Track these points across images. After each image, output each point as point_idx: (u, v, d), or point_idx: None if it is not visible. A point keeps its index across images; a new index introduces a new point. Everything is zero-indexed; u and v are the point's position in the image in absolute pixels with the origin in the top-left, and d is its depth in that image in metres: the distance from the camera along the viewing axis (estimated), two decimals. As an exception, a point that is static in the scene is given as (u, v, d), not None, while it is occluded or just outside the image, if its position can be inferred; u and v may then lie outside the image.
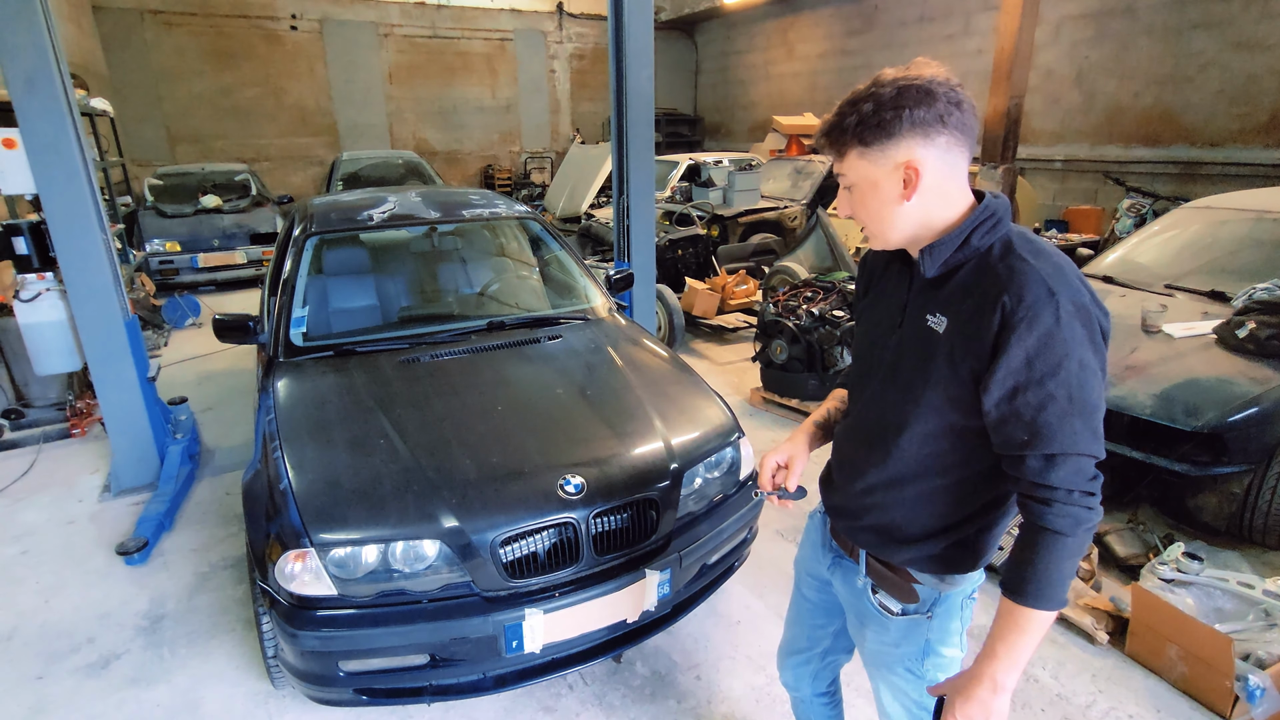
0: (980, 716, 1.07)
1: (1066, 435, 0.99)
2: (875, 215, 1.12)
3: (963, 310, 1.06)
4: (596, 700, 2.24)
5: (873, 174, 1.08)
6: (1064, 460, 1.00)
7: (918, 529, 1.20)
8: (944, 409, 1.10)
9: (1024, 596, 1.03)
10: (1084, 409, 0.99)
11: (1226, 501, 2.79)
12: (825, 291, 4.78)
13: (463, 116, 14.69)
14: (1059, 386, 0.98)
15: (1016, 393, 1.01)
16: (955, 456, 1.14)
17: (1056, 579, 1.01)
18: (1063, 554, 1.01)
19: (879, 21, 11.44)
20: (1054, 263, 1.03)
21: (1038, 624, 1.03)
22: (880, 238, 1.15)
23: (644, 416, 2.32)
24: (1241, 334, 2.96)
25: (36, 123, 3.02)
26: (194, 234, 7.57)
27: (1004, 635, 1.05)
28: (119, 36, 11.31)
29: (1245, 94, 7.13)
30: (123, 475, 3.56)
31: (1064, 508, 1.00)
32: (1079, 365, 0.99)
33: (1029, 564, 1.03)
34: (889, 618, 1.27)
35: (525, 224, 3.73)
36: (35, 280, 3.53)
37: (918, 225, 1.10)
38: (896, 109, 1.03)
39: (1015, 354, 0.99)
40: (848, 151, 1.09)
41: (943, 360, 1.08)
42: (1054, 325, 0.98)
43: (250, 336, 2.79)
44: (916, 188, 1.06)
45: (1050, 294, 0.99)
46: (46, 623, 2.63)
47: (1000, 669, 1.05)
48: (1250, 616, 2.28)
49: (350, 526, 1.85)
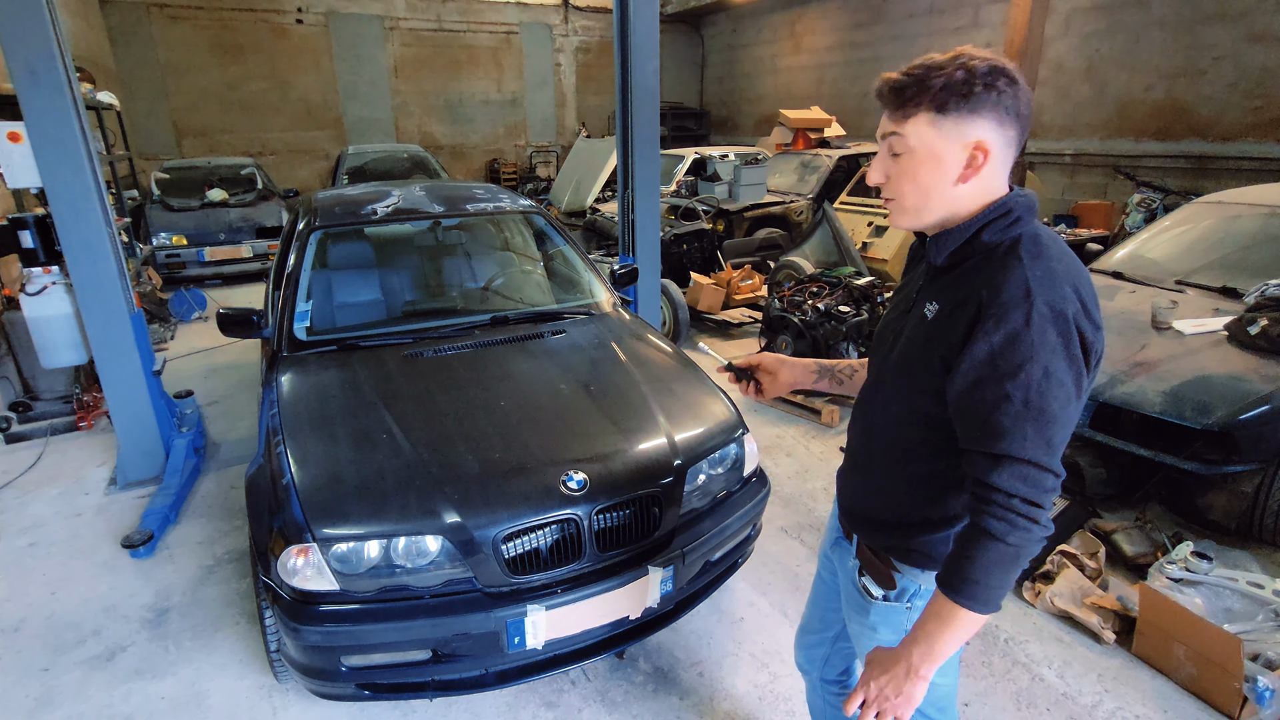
0: (891, 692, 1.08)
1: (1015, 439, 0.98)
2: (922, 189, 1.06)
3: (951, 300, 1.07)
4: (599, 696, 2.24)
5: (939, 146, 1.02)
6: (1009, 464, 0.99)
7: (890, 516, 1.22)
8: (916, 393, 1.12)
9: (952, 591, 1.03)
10: (1040, 416, 0.97)
11: (1236, 500, 2.76)
12: (831, 287, 4.76)
13: (468, 110, 14.67)
14: (1017, 388, 0.97)
15: (975, 386, 1.00)
16: (925, 446, 1.15)
17: (985, 581, 1.00)
18: (993, 558, 0.99)
19: (887, 14, 11.34)
20: (1048, 268, 1.00)
21: (964, 622, 1.03)
22: (913, 215, 1.09)
23: (647, 412, 2.31)
24: (1253, 331, 2.92)
25: (42, 116, 3.02)
26: (200, 228, 7.59)
27: (927, 624, 1.06)
28: (125, 30, 11.33)
29: (1259, 87, 7.03)
30: (129, 468, 3.57)
31: (1002, 511, 0.99)
32: (1043, 373, 0.97)
33: (962, 561, 1.02)
34: (869, 601, 1.29)
35: (529, 218, 3.72)
36: (41, 274, 3.54)
37: (952, 211, 1.07)
38: (987, 86, 0.99)
39: (980, 348, 0.99)
40: (917, 113, 1.02)
41: (922, 344, 1.10)
42: (1022, 327, 0.97)
43: (254, 331, 2.78)
44: (979, 171, 1.03)
45: (1026, 295, 0.97)
46: (53, 614, 2.65)
47: (918, 654, 1.06)
48: (1260, 617, 2.26)
49: (353, 521, 1.85)
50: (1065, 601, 2.51)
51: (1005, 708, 2.17)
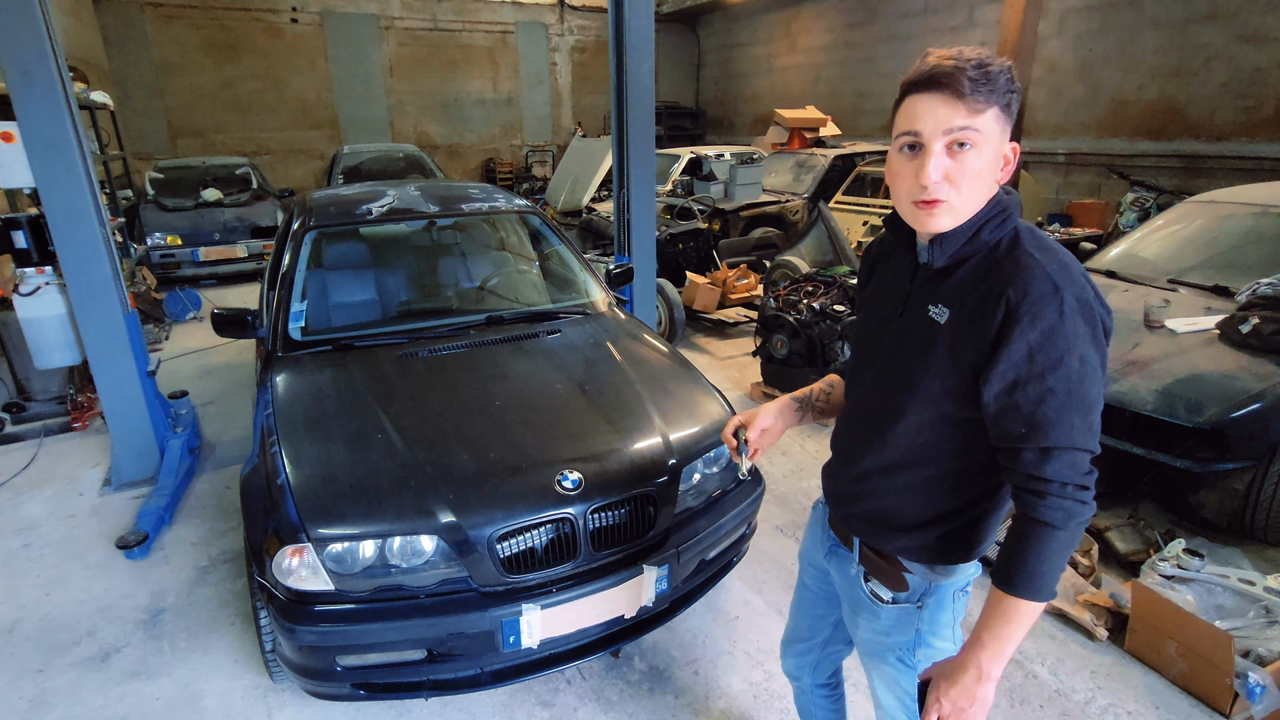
0: (965, 703, 1.07)
1: (1063, 430, 1.00)
2: (973, 185, 1.03)
3: (967, 303, 1.06)
4: (594, 695, 2.25)
5: (998, 142, 1.03)
6: (1059, 454, 1.01)
7: (909, 517, 1.21)
8: (941, 399, 1.11)
9: (1013, 587, 1.04)
10: (1082, 404, 1.00)
11: (1228, 498, 2.78)
12: (826, 286, 4.76)
13: (464, 110, 14.65)
14: (1059, 381, 0.99)
15: (1016, 386, 1.01)
16: (949, 447, 1.15)
17: (1046, 571, 1.02)
18: (1054, 546, 1.02)
19: (882, 13, 11.37)
20: (1059, 259, 1.03)
21: (1026, 614, 1.04)
22: (961, 214, 1.05)
23: (642, 412, 2.31)
24: (1245, 329, 2.94)
25: (34, 116, 3.01)
26: (195, 227, 7.56)
27: (991, 624, 1.06)
28: (119, 29, 11.29)
29: (1251, 87, 7.07)
30: (123, 469, 3.56)
31: (1057, 500, 1.01)
32: (1080, 361, 0.99)
33: (1020, 555, 1.04)
34: (880, 606, 1.27)
35: (525, 218, 3.72)
36: (35, 274, 3.53)
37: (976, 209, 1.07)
38: (1016, 91, 1.03)
39: (1017, 347, 0.99)
40: (989, 108, 0.99)
41: (944, 351, 1.09)
42: (1057, 320, 0.98)
43: (249, 331, 2.78)
44: (1010, 169, 1.07)
45: (1055, 289, 0.99)
46: (48, 616, 2.64)
47: (986, 657, 1.06)
48: (1251, 613, 2.27)
49: (347, 522, 1.85)
50: (1058, 599, 2.52)
51: (999, 705, 2.18)
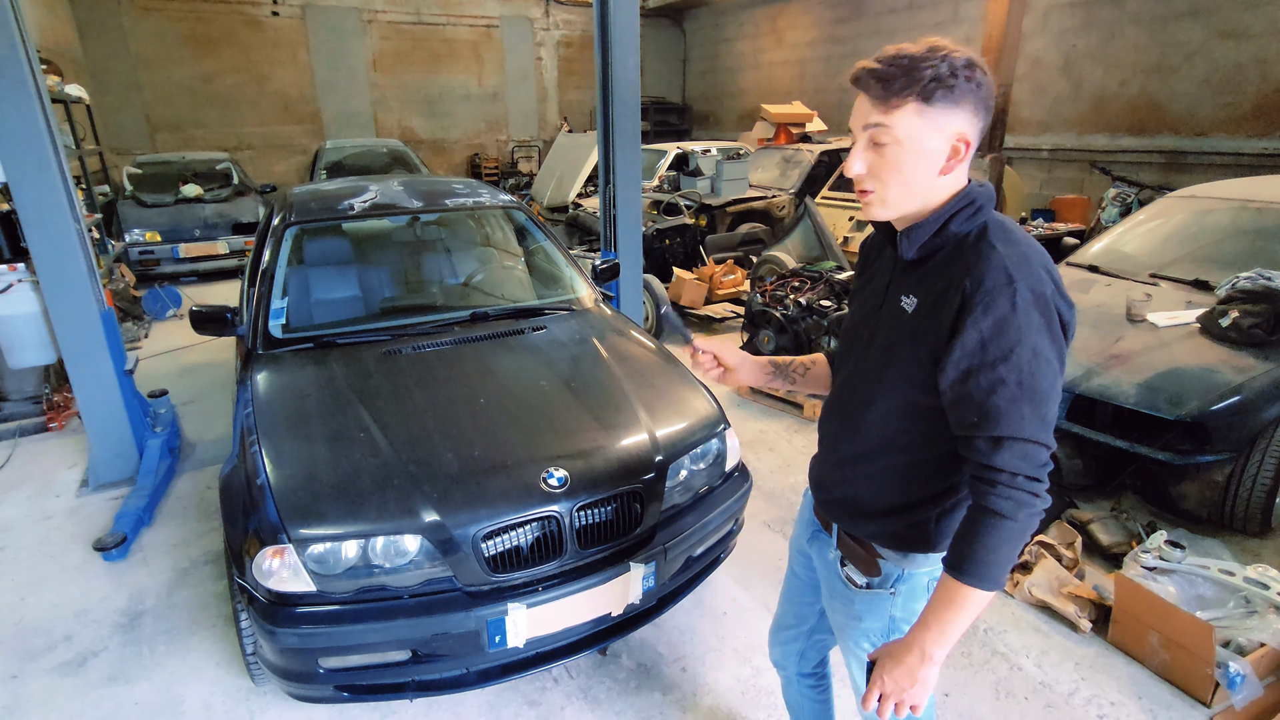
0: (907, 683, 1.10)
1: (1014, 419, 1.01)
2: (904, 180, 1.06)
3: (931, 292, 1.08)
4: (582, 694, 2.23)
5: (925, 137, 1.03)
6: (1010, 444, 1.02)
7: (880, 504, 1.23)
8: (906, 387, 1.14)
9: (962, 573, 1.05)
10: (1033, 395, 1.01)
11: (1209, 489, 2.81)
12: (813, 281, 4.77)
13: (449, 105, 14.51)
14: (1010, 371, 1.00)
15: (969, 375, 1.03)
16: (916, 435, 1.17)
17: (994, 560, 1.03)
18: (1003, 536, 1.03)
19: (867, 9, 11.39)
20: (1021, 251, 1.04)
21: (973, 601, 1.06)
22: (892, 207, 1.09)
23: (628, 408, 2.30)
24: (1224, 323, 2.97)
25: (4, 109, 2.93)
26: (175, 224, 7.44)
27: (938, 609, 1.08)
28: (95, 21, 11.05)
29: (1230, 83, 7.15)
30: (101, 470, 3.50)
31: (1007, 490, 1.02)
32: (1032, 353, 1.00)
33: (970, 543, 1.05)
34: (854, 590, 1.30)
35: (510, 213, 3.69)
36: (6, 271, 3.46)
37: (927, 202, 1.08)
38: (968, 79, 1.00)
39: (970, 337, 1.01)
40: (904, 104, 1.01)
41: (907, 339, 1.12)
42: (1009, 311, 1.00)
43: (229, 328, 2.73)
44: (962, 162, 1.05)
45: (1009, 280, 1.00)
46: (22, 620, 2.59)
47: (930, 639, 1.08)
48: (1231, 604, 2.30)
49: (329, 522, 1.82)
50: (1043, 591, 2.54)
51: (984, 697, 2.20)
